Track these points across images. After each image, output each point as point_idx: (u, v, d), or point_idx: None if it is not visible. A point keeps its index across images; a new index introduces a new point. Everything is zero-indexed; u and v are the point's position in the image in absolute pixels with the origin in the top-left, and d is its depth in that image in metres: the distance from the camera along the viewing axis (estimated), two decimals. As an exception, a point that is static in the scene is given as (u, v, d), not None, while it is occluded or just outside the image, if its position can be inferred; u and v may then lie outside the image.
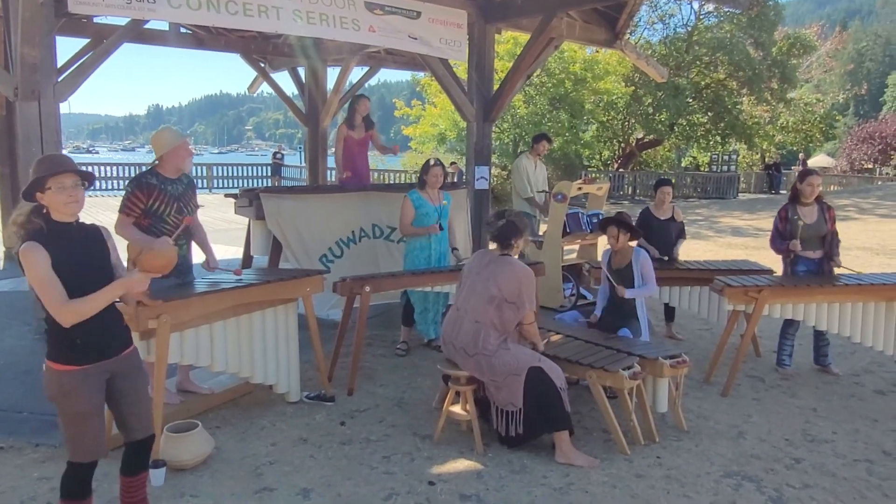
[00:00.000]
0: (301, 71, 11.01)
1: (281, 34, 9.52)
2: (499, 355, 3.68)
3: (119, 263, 2.73)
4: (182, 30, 9.29)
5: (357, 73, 11.30)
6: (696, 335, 6.22)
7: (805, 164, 23.97)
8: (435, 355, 5.12)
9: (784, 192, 22.29)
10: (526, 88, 19.59)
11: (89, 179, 2.57)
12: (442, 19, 7.08)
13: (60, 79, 5.39)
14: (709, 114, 22.38)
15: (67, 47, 7.62)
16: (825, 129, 25.77)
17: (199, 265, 4.20)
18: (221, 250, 4.24)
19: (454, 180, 13.40)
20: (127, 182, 4.06)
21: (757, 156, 28.53)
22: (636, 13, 8.92)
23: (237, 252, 6.93)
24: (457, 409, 3.87)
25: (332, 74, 10.82)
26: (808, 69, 27.04)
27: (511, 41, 18.50)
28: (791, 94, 23.38)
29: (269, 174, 22.88)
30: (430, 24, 6.99)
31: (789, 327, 5.16)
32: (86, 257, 2.51)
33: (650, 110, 21.68)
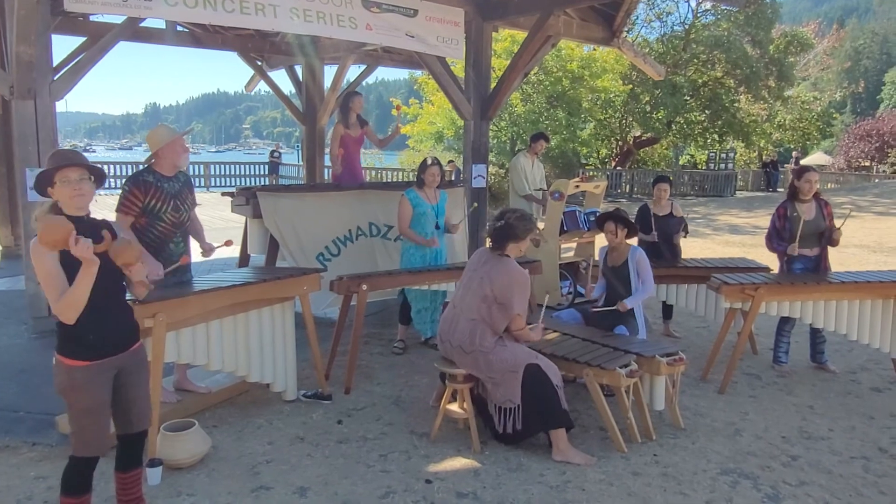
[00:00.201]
0: (298, 69, 10.99)
1: (278, 32, 9.51)
2: (496, 352, 3.67)
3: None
4: (179, 28, 9.26)
5: (354, 72, 11.30)
6: (694, 333, 6.23)
7: (798, 162, 23.98)
8: (432, 353, 5.12)
9: (781, 190, 22.31)
10: (523, 86, 19.58)
11: (96, 173, 2.59)
12: (439, 17, 7.08)
13: (56, 77, 5.39)
14: (706, 112, 22.39)
15: (64, 46, 7.61)
16: (822, 127, 25.81)
17: (199, 263, 4.20)
18: (218, 249, 4.25)
19: (452, 179, 13.39)
20: (124, 181, 4.05)
21: (754, 154, 28.55)
22: (633, 11, 8.92)
23: (234, 251, 6.91)
24: (454, 408, 3.87)
25: (330, 73, 10.82)
26: (806, 67, 27.08)
27: (509, 39, 18.48)
28: (788, 92, 23.40)
29: (267, 173, 22.84)
30: (428, 22, 6.99)
31: (786, 325, 5.17)
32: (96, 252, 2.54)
33: (648, 108, 21.69)
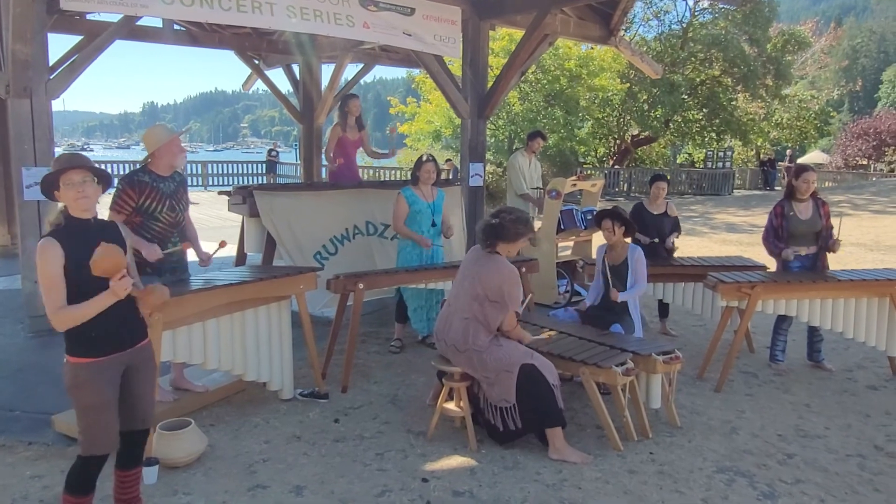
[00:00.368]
0: (296, 68, 10.98)
1: (275, 30, 9.51)
2: (490, 351, 3.67)
3: (132, 261, 2.76)
4: (176, 26, 9.24)
5: (352, 70, 11.28)
6: (691, 331, 6.24)
7: (793, 160, 24.02)
8: (429, 352, 5.13)
9: (779, 189, 22.34)
10: (521, 85, 19.57)
11: (100, 175, 2.60)
12: (436, 16, 7.08)
13: (53, 76, 5.38)
14: (704, 110, 22.39)
15: (60, 44, 7.59)
16: (820, 126, 25.81)
17: (196, 263, 4.19)
18: (215, 248, 4.26)
19: (449, 177, 13.39)
20: (118, 180, 4.04)
21: (752, 152, 28.58)
22: (630, 10, 8.92)
23: (231, 250, 6.90)
24: (450, 406, 3.87)
25: (327, 71, 10.81)
26: (803, 66, 27.09)
27: (506, 38, 18.46)
28: (786, 91, 23.42)
29: (264, 172, 22.82)
30: (425, 21, 6.98)
31: (783, 323, 5.18)
32: None
33: (645, 107, 21.69)
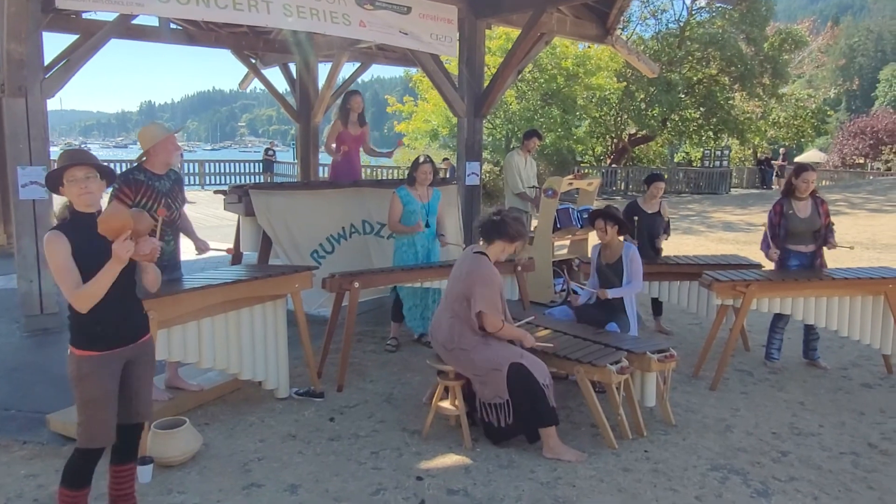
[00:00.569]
0: (292, 67, 10.98)
1: (272, 30, 9.51)
2: (477, 351, 3.66)
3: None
4: (172, 25, 9.24)
5: (349, 69, 11.28)
6: (686, 329, 6.25)
7: (787, 158, 24.05)
8: (425, 351, 5.13)
9: (776, 188, 22.38)
10: (518, 84, 19.58)
11: (103, 170, 2.65)
12: (432, 14, 7.08)
13: (48, 75, 5.37)
14: (701, 109, 22.42)
15: (56, 43, 7.57)
16: (817, 125, 25.85)
17: (192, 261, 4.20)
18: (213, 246, 4.27)
19: (447, 176, 13.38)
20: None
21: (749, 151, 28.62)
22: (626, 9, 8.93)
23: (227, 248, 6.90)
24: (445, 405, 3.88)
25: (324, 70, 10.79)
26: (800, 64, 27.13)
27: (503, 37, 18.46)
28: (783, 90, 23.45)
29: (261, 171, 22.80)
30: (421, 20, 6.98)
31: (779, 321, 5.19)
32: (107, 245, 2.58)
33: (642, 106, 21.71)
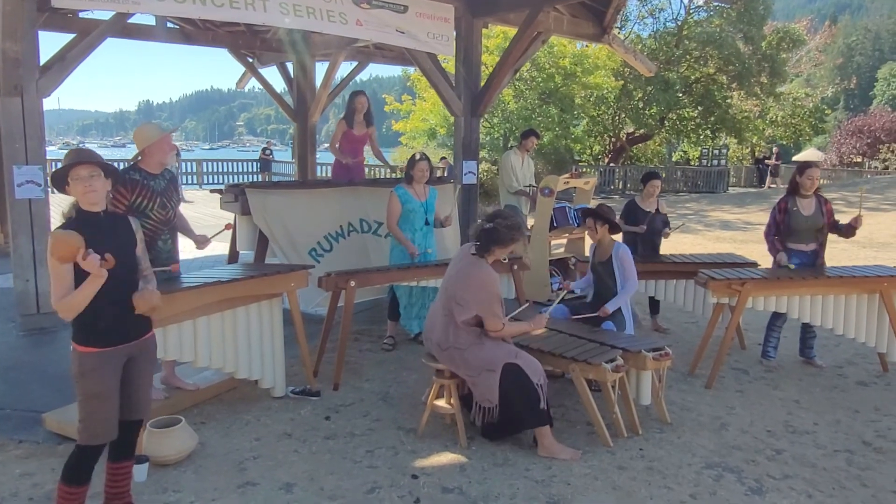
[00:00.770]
0: (290, 66, 10.97)
1: (269, 28, 9.50)
2: (471, 350, 3.65)
3: (144, 254, 2.82)
4: (169, 24, 9.23)
5: (346, 68, 11.28)
6: (682, 328, 6.25)
7: (779, 157, 24.08)
8: (421, 350, 5.11)
9: (773, 187, 22.40)
10: (516, 83, 19.59)
11: (107, 169, 2.66)
12: (429, 13, 7.08)
13: (44, 74, 5.37)
14: (699, 108, 22.42)
15: (53, 43, 7.55)
16: (815, 124, 25.86)
17: (189, 261, 4.21)
18: (209, 246, 4.28)
19: (444, 175, 13.39)
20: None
21: (747, 150, 28.64)
22: (623, 7, 8.94)
23: (224, 248, 6.91)
24: (441, 403, 3.88)
25: (321, 69, 10.77)
26: (798, 63, 27.16)
27: (501, 36, 18.46)
28: (781, 89, 23.44)
29: (258, 170, 22.79)
30: (418, 19, 6.99)
31: (777, 319, 5.19)
32: (112, 245, 2.60)
33: (640, 105, 21.71)
